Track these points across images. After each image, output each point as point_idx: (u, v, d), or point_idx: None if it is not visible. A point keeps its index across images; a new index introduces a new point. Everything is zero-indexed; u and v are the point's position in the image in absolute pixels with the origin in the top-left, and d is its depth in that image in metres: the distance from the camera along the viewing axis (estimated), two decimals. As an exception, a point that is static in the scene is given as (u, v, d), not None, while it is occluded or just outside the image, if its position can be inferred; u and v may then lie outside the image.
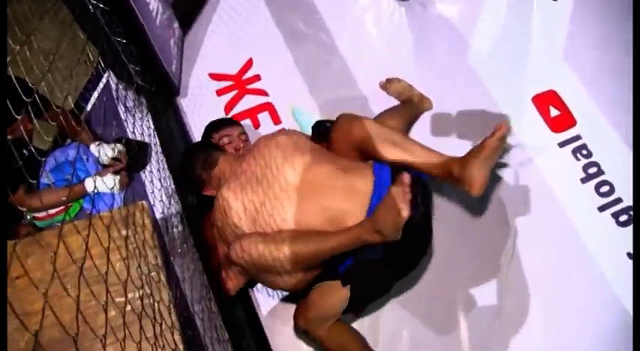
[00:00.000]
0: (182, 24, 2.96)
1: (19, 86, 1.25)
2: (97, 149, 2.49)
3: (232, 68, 2.87)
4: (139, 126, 2.66)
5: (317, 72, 2.79)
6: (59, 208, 2.46)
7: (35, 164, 2.48)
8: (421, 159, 1.89)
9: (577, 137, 2.43)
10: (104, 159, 2.48)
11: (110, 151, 2.48)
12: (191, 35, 3.03)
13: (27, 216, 2.47)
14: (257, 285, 2.29)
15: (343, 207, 1.79)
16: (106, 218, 1.40)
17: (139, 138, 2.63)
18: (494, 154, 1.79)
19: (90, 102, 2.94)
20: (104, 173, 2.43)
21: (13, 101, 1.23)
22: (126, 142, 2.58)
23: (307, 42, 2.88)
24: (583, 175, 2.35)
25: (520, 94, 2.56)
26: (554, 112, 2.49)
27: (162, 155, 2.61)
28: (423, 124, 2.54)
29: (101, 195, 2.42)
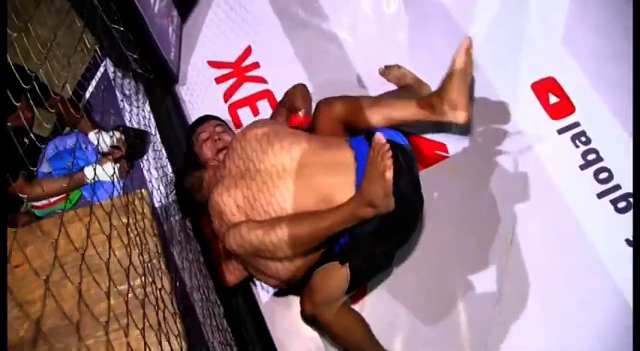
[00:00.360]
0: (180, 11, 2.95)
1: (18, 73, 1.25)
2: (96, 137, 2.49)
3: (231, 56, 2.86)
4: (138, 114, 2.65)
5: (316, 59, 2.78)
6: (58, 197, 2.46)
7: (35, 152, 2.48)
8: (403, 110, 1.93)
9: (576, 124, 2.43)
10: (103, 147, 2.48)
11: (109, 140, 2.48)
12: (189, 23, 3.01)
13: (25, 205, 2.48)
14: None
15: (332, 182, 1.79)
16: (106, 206, 1.40)
17: (138, 126, 2.63)
18: (466, 72, 1.77)
19: (88, 90, 2.93)
20: (103, 161, 2.43)
21: (12, 89, 1.23)
22: (124, 130, 2.57)
23: (306, 29, 2.87)
24: (582, 162, 2.35)
25: (519, 81, 2.55)
26: (553, 99, 2.48)
27: (160, 143, 2.61)
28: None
29: (100, 183, 2.41)
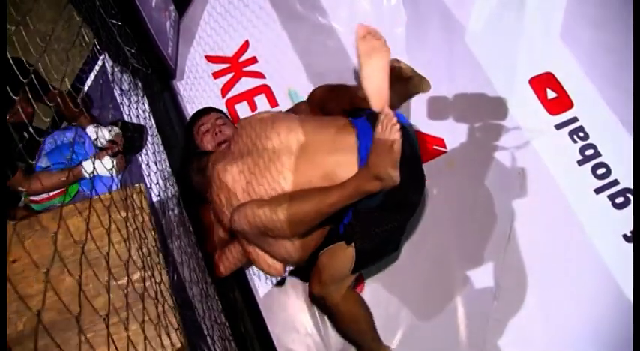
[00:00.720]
0: (178, 6, 2.94)
1: (16, 66, 1.24)
2: (94, 132, 2.48)
3: (229, 51, 2.86)
4: (136, 109, 2.65)
5: (313, 53, 2.78)
6: (57, 191, 2.46)
7: (33, 146, 2.47)
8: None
9: (574, 119, 2.43)
10: (101, 142, 2.48)
11: (107, 134, 2.47)
12: (187, 18, 3.01)
13: (23, 199, 2.47)
14: (253, 268, 2.30)
15: (335, 160, 1.77)
16: (104, 201, 1.40)
17: (136, 121, 2.62)
18: (371, 56, 1.73)
19: (86, 84, 2.93)
20: (101, 156, 2.42)
21: (11, 82, 1.22)
22: (122, 125, 2.57)
23: (303, 23, 2.86)
24: (580, 158, 2.36)
25: (517, 76, 2.55)
26: (551, 94, 2.49)
27: (158, 138, 2.61)
28: (419, 107, 2.53)
29: (98, 178, 2.41)
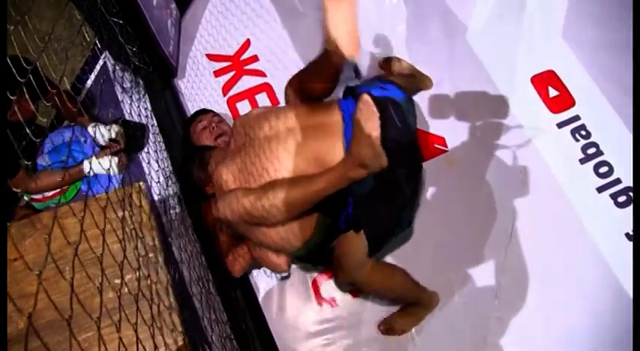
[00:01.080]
0: (179, 4, 2.94)
1: (15, 65, 1.24)
2: (95, 131, 2.48)
3: (230, 49, 2.86)
4: (137, 107, 2.65)
5: (314, 52, 2.75)
6: (58, 190, 2.46)
7: (34, 145, 2.47)
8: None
9: (576, 117, 2.42)
10: (102, 140, 2.48)
11: (107, 133, 2.47)
12: (188, 16, 3.01)
13: (25, 198, 2.47)
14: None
15: (320, 144, 1.77)
16: (103, 200, 1.40)
17: (137, 119, 2.62)
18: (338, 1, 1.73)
19: (87, 83, 2.93)
20: (102, 155, 2.42)
21: (10, 81, 1.22)
22: (123, 124, 2.57)
23: (304, 21, 2.85)
24: (582, 156, 2.34)
25: (518, 74, 2.54)
26: (553, 93, 2.47)
27: (159, 136, 2.61)
28: (420, 106, 2.52)
29: (99, 177, 2.41)
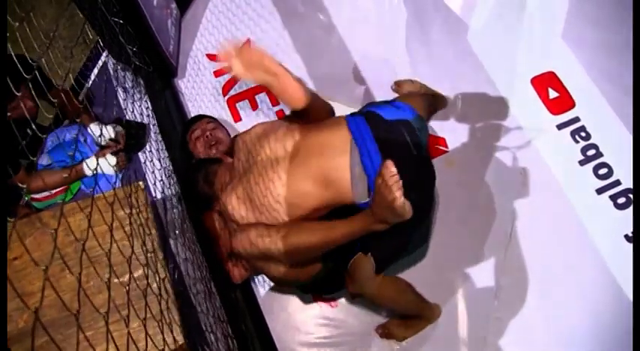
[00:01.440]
0: (179, 4, 2.94)
1: (20, 63, 1.24)
2: (96, 130, 2.49)
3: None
4: (137, 107, 2.65)
5: (315, 52, 2.78)
6: (58, 189, 2.46)
7: (36, 143, 2.48)
8: None
9: (576, 119, 2.42)
10: (102, 140, 2.48)
11: (108, 133, 2.48)
12: (188, 16, 3.01)
13: (25, 197, 2.47)
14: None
15: (327, 164, 1.74)
16: (103, 199, 1.40)
17: (137, 119, 2.62)
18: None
19: (88, 83, 2.93)
20: (103, 154, 2.43)
21: (13, 78, 1.22)
22: (124, 123, 2.57)
23: (305, 22, 2.86)
24: (582, 158, 2.35)
25: (518, 76, 2.54)
26: (553, 94, 2.48)
27: (160, 136, 2.61)
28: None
29: (100, 176, 2.41)
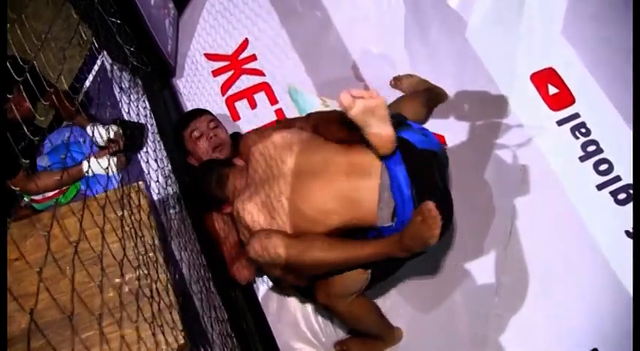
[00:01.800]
0: (177, 4, 2.94)
1: (12, 65, 1.24)
2: (93, 131, 2.48)
3: (228, 48, 2.86)
4: (135, 107, 2.65)
5: (313, 50, 2.77)
6: (58, 190, 2.46)
7: (33, 146, 2.47)
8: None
9: (576, 115, 2.42)
10: (100, 141, 2.47)
11: (106, 133, 2.47)
12: (186, 15, 3.01)
13: (25, 199, 2.47)
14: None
15: (354, 185, 1.74)
16: (102, 199, 1.39)
17: (135, 119, 2.62)
18: (369, 117, 1.61)
19: (86, 84, 2.92)
20: (101, 155, 2.42)
21: (8, 80, 1.22)
22: (122, 124, 2.56)
23: (303, 21, 2.85)
24: (582, 154, 2.34)
25: (518, 72, 2.54)
26: (552, 90, 2.47)
27: (158, 136, 2.60)
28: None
29: (98, 177, 2.41)
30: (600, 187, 2.28)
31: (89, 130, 2.50)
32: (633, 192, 2.24)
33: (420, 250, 1.64)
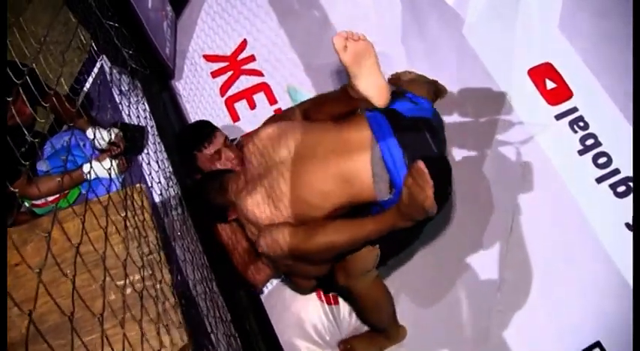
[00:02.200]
0: (175, 6, 2.94)
1: (11, 69, 1.24)
2: (94, 134, 2.48)
3: (227, 49, 2.86)
4: (135, 109, 2.65)
5: (311, 50, 2.77)
6: (58, 195, 2.46)
7: (34, 150, 2.47)
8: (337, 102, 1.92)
9: (574, 109, 2.42)
10: (101, 144, 2.48)
11: (107, 136, 2.47)
12: (184, 17, 3.01)
13: (26, 204, 2.48)
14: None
15: (348, 162, 1.74)
16: (103, 202, 1.40)
17: (136, 121, 2.62)
18: (359, 60, 1.73)
19: (85, 87, 2.93)
20: (102, 158, 2.43)
21: (8, 84, 1.22)
22: (122, 126, 2.57)
23: (301, 21, 2.86)
24: (580, 147, 2.35)
25: (515, 67, 2.55)
26: (550, 85, 2.48)
27: (158, 138, 2.61)
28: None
29: (99, 180, 2.41)
30: (600, 180, 2.28)
31: (90, 134, 2.50)
32: (633, 184, 2.24)
33: (423, 217, 1.60)
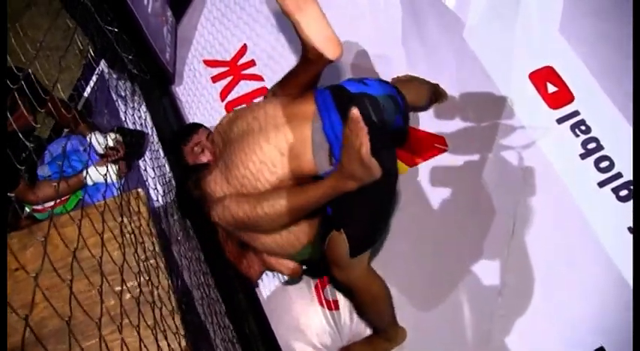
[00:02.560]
0: (175, 11, 2.94)
1: (8, 75, 1.24)
2: (93, 139, 2.48)
3: (227, 54, 2.86)
4: (135, 115, 2.65)
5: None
6: (58, 200, 2.46)
7: (35, 155, 2.47)
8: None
9: (575, 113, 2.41)
10: (101, 149, 2.48)
11: (106, 141, 2.47)
12: (184, 22, 3.01)
13: (27, 209, 2.47)
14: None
15: (291, 134, 1.78)
16: (101, 207, 1.39)
17: (135, 127, 2.62)
18: (301, 7, 1.78)
19: (85, 92, 2.93)
20: (101, 163, 2.42)
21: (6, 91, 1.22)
22: (122, 132, 2.57)
23: (300, 24, 2.85)
24: (582, 151, 2.34)
25: (516, 71, 2.54)
26: (551, 88, 2.47)
27: (158, 143, 2.61)
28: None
29: (99, 185, 2.41)
30: (602, 185, 2.27)
31: (89, 139, 2.50)
32: (633, 189, 2.23)
33: (364, 173, 1.55)
